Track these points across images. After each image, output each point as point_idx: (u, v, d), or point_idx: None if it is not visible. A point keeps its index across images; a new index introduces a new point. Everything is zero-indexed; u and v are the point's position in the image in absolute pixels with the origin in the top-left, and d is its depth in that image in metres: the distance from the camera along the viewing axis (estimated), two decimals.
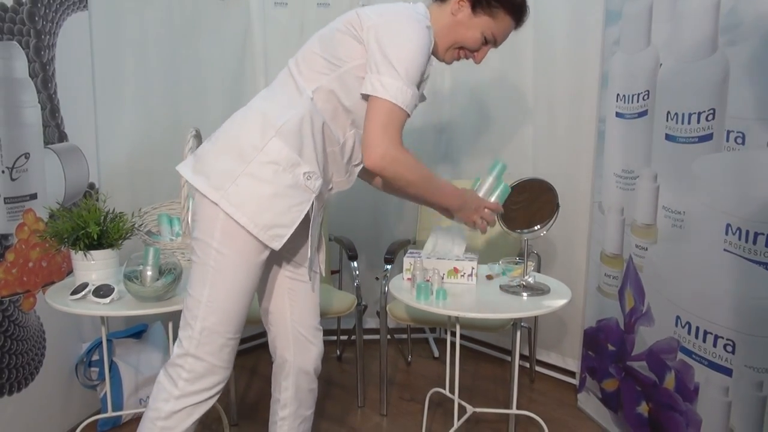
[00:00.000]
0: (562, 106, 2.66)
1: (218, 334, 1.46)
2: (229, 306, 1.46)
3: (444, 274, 1.97)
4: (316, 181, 1.47)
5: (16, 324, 2.04)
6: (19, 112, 2.03)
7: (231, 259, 1.44)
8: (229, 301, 1.46)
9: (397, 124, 1.43)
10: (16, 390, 2.05)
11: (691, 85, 1.86)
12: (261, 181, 1.42)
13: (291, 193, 1.44)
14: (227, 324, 1.47)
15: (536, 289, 1.93)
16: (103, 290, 1.77)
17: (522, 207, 1.93)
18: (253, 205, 1.42)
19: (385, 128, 1.42)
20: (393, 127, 1.43)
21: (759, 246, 1.65)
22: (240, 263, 1.44)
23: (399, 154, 1.44)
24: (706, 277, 1.83)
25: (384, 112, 1.42)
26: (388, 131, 1.42)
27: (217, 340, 1.47)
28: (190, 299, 1.47)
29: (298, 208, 1.45)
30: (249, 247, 1.44)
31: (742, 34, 1.68)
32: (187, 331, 1.47)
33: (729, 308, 1.75)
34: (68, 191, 2.26)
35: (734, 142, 1.71)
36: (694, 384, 1.89)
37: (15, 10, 1.99)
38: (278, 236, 1.44)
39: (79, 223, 1.82)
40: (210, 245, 1.44)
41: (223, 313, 1.46)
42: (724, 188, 1.76)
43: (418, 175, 1.51)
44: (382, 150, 1.42)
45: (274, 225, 1.43)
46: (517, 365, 2.10)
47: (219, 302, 1.45)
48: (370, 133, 1.43)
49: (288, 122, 1.45)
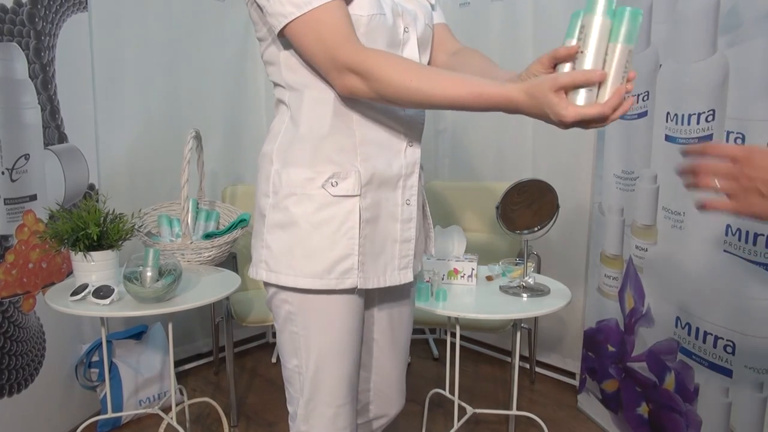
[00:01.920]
0: None
1: (325, 404, 1.23)
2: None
3: (444, 274, 1.97)
4: (345, 181, 1.15)
5: (15, 325, 2.04)
6: (19, 113, 2.03)
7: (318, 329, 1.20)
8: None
9: (326, 29, 1.05)
10: (15, 391, 2.05)
11: (691, 86, 1.86)
12: (284, 225, 1.17)
13: (325, 215, 1.16)
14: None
15: (536, 290, 1.93)
16: (102, 291, 1.77)
17: (522, 208, 1.93)
18: (292, 257, 1.16)
19: (321, 45, 1.06)
20: (327, 36, 1.05)
21: (759, 247, 1.65)
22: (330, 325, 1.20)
23: (358, 63, 1.04)
24: (706, 278, 1.83)
25: (304, 32, 1.07)
26: (326, 46, 1.06)
27: (325, 411, 1.24)
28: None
29: (347, 226, 1.16)
30: (324, 304, 1.19)
31: (742, 34, 1.68)
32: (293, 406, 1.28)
33: (729, 309, 1.75)
34: (68, 192, 2.26)
35: (734, 142, 1.71)
36: (694, 385, 1.89)
37: (15, 12, 1.99)
38: (347, 271, 1.17)
39: (79, 224, 1.81)
40: (297, 334, 1.21)
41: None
42: None
43: (394, 78, 1.03)
44: (337, 72, 1.07)
45: (331, 262, 1.16)
46: (517, 366, 2.10)
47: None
48: (318, 65, 1.10)
49: (278, 140, 1.19)
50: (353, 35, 1.07)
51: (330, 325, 1.19)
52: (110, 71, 2.44)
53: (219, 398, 2.48)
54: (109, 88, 2.44)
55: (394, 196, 1.21)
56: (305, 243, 1.16)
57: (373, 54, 1.05)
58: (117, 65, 2.47)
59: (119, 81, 2.49)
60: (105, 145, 2.45)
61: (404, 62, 1.06)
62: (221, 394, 2.66)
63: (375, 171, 1.18)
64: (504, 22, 2.83)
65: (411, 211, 1.23)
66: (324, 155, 1.16)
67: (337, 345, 1.20)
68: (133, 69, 2.53)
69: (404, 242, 1.24)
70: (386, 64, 1.04)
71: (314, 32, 1.07)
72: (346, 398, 1.24)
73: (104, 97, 2.42)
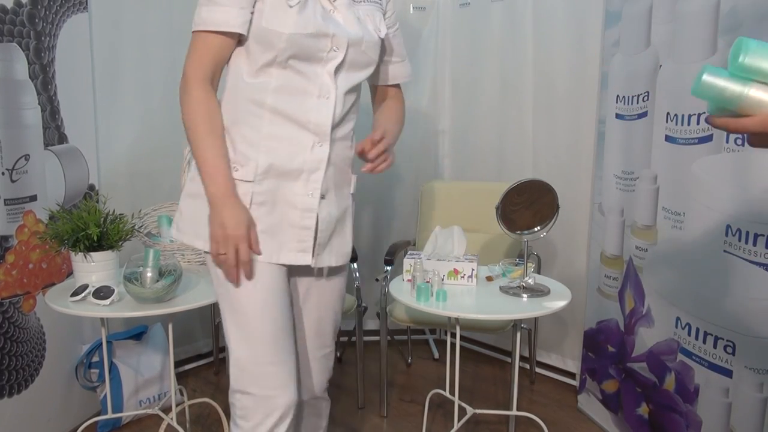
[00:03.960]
0: (562, 106, 2.67)
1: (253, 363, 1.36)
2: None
3: (444, 275, 1.97)
4: (243, 168, 1.33)
5: (15, 326, 2.04)
6: (19, 113, 2.03)
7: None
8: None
9: (197, 50, 1.32)
10: (15, 392, 2.05)
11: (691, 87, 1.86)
12: (195, 195, 1.37)
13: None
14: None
15: (536, 291, 1.92)
16: (103, 292, 1.77)
17: (522, 208, 1.93)
18: (197, 222, 1.36)
19: (187, 58, 1.33)
20: (193, 56, 1.32)
21: (759, 247, 1.65)
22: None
23: (184, 85, 1.32)
24: (706, 279, 1.83)
25: (191, 44, 1.33)
26: (188, 60, 1.33)
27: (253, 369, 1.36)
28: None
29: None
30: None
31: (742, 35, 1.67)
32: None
33: (729, 309, 1.75)
34: (68, 193, 2.26)
35: (734, 143, 1.71)
36: (694, 385, 1.89)
37: (15, 12, 1.99)
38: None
39: (79, 225, 1.81)
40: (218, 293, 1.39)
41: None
42: (723, 189, 1.76)
43: (188, 118, 1.32)
44: (182, 80, 1.33)
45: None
46: (517, 366, 2.10)
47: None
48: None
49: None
50: (205, 67, 1.31)
51: (244, 286, 1.33)
52: (110, 71, 2.44)
53: (219, 398, 2.47)
54: (109, 89, 2.44)
55: (295, 186, 1.36)
56: (207, 212, 1.32)
57: (196, 90, 1.30)
58: (117, 65, 2.47)
59: (119, 81, 2.49)
60: (105, 146, 2.45)
61: (205, 116, 1.31)
62: (221, 394, 2.66)
63: (274, 163, 1.33)
64: (504, 22, 2.83)
65: (312, 203, 1.37)
66: (229, 141, 1.34)
67: (253, 304, 1.34)
68: (133, 69, 2.53)
69: (302, 229, 1.37)
70: (192, 107, 1.31)
71: (191, 47, 1.32)
72: (268, 358, 1.34)
73: (104, 97, 2.42)
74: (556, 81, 2.66)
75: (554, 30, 2.64)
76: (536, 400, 2.67)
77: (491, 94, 2.93)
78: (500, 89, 2.88)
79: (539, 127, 2.76)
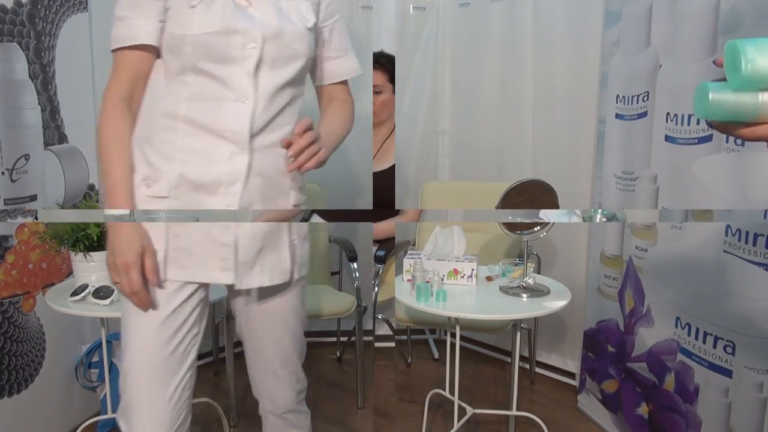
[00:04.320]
0: (562, 106, 2.66)
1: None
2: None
3: (444, 275, 1.97)
4: (157, 184, 1.26)
5: (15, 325, 2.04)
6: (19, 113, 2.03)
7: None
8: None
9: (114, 70, 1.27)
10: (15, 392, 2.05)
11: (691, 87, 1.85)
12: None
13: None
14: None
15: (536, 291, 1.93)
16: (102, 291, 1.77)
17: (522, 208, 1.93)
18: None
19: (110, 78, 1.28)
20: (111, 77, 1.28)
21: (759, 247, 1.65)
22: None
23: (101, 107, 1.27)
24: (706, 278, 1.83)
25: (112, 65, 1.28)
26: (110, 80, 1.28)
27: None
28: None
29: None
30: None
31: (742, 34, 1.68)
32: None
33: (729, 309, 1.75)
34: (68, 193, 2.26)
35: (734, 143, 1.71)
36: (694, 385, 1.89)
37: (15, 12, 1.99)
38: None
39: (78, 225, 1.81)
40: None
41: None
42: (723, 189, 1.76)
43: (99, 141, 1.27)
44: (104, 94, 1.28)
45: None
46: (517, 366, 2.10)
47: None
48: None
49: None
50: (120, 86, 1.26)
51: (147, 317, 1.27)
52: (110, 71, 2.44)
53: (219, 398, 2.47)
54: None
55: (213, 200, 1.26)
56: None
57: (109, 112, 1.26)
58: None
59: None
60: None
61: (114, 140, 1.25)
62: (221, 394, 2.66)
63: (185, 174, 1.25)
64: (504, 22, 2.83)
65: (231, 217, 1.29)
66: (143, 157, 1.27)
67: (134, 338, 1.28)
68: None
69: (223, 245, 1.28)
70: (102, 131, 1.25)
71: (112, 66, 1.27)
72: (137, 399, 1.28)
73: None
74: (556, 81, 2.66)
75: (554, 30, 2.64)
76: (536, 400, 2.67)
77: (491, 94, 2.93)
78: (500, 89, 2.88)
79: (539, 127, 2.76)
